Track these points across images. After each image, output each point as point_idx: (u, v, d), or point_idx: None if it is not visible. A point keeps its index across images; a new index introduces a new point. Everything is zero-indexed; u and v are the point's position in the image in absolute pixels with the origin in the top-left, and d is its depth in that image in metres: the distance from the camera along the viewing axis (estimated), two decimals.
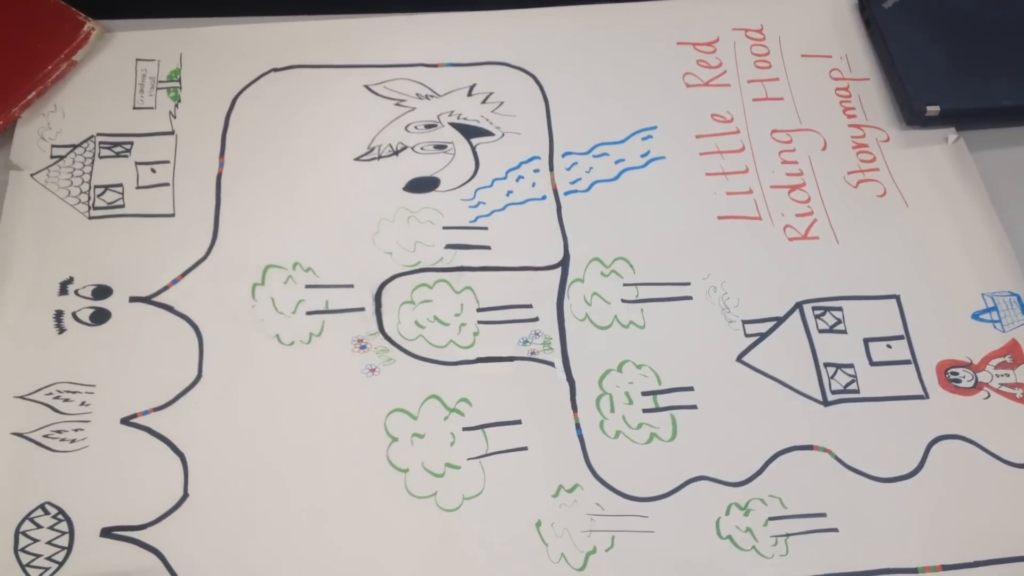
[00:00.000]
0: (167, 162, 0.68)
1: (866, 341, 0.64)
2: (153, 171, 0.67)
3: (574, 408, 0.61)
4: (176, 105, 0.70)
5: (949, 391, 0.63)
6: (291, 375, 0.61)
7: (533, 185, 0.69)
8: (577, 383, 0.62)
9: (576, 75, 0.74)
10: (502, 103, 0.72)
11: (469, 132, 0.71)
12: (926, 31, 0.75)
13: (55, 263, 0.63)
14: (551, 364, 0.62)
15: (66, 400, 0.59)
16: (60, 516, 0.55)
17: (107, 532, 0.55)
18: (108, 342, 0.61)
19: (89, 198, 0.66)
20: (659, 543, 0.57)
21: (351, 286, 0.64)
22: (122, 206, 0.66)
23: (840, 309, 0.65)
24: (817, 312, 0.65)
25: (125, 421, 0.58)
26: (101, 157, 0.67)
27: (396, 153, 0.69)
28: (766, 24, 0.78)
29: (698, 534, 0.57)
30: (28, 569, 0.54)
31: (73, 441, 0.58)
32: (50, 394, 0.59)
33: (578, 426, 0.60)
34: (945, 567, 0.57)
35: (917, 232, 0.68)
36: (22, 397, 0.59)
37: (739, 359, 0.63)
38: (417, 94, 0.72)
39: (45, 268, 0.63)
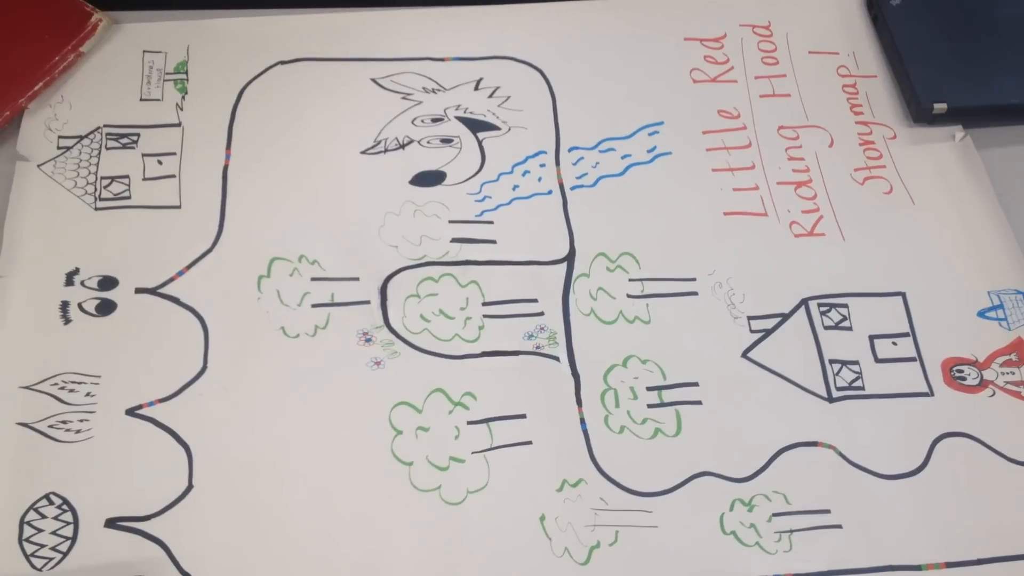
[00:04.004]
0: (173, 154, 0.68)
1: (871, 338, 0.64)
2: (159, 163, 0.67)
3: (579, 403, 0.61)
4: (183, 97, 0.70)
5: (954, 389, 0.63)
6: (296, 367, 0.61)
7: (539, 180, 0.69)
8: (582, 378, 0.62)
9: (583, 70, 0.74)
10: (509, 97, 0.72)
11: (475, 126, 0.70)
12: (934, 28, 0.74)
13: (61, 254, 0.63)
14: (556, 359, 0.62)
15: (71, 391, 0.59)
16: (65, 506, 0.55)
17: (111, 523, 0.55)
18: (114, 333, 0.61)
19: (95, 189, 0.66)
20: (663, 538, 0.57)
21: (357, 279, 0.64)
22: (128, 197, 0.66)
23: (846, 306, 0.65)
24: (823, 309, 0.65)
25: (130, 412, 0.58)
26: (108, 148, 0.67)
27: (402, 147, 0.69)
28: (774, 20, 0.78)
29: (702, 529, 0.57)
30: (32, 559, 0.54)
31: (78, 432, 0.58)
32: (56, 384, 0.59)
33: (583, 421, 0.60)
34: (949, 564, 0.57)
35: (923, 229, 0.68)
36: (28, 387, 0.59)
37: (744, 355, 0.63)
38: (424, 88, 0.72)
39: (51, 259, 0.63)
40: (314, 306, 0.63)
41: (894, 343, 0.64)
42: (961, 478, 0.60)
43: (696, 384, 0.62)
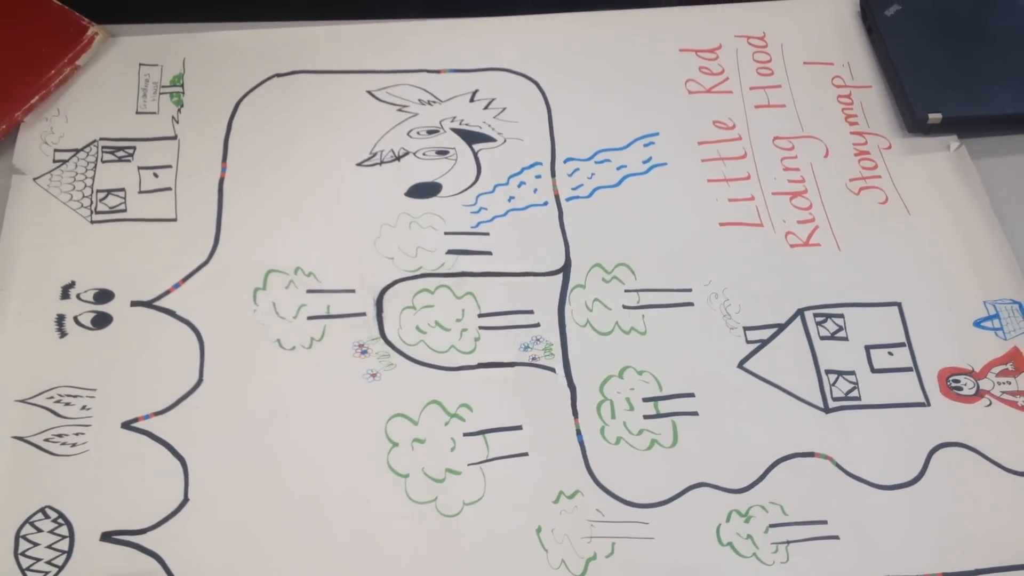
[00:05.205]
0: (169, 167, 0.68)
1: (867, 348, 0.64)
2: (155, 176, 0.67)
3: (575, 414, 0.61)
4: (179, 110, 0.70)
5: (950, 399, 0.63)
6: (292, 380, 0.61)
7: (535, 191, 0.69)
8: (578, 389, 0.62)
9: (578, 81, 0.74)
10: (504, 109, 0.72)
11: (471, 138, 0.71)
12: (928, 39, 0.75)
13: (57, 267, 0.63)
14: (552, 370, 0.62)
15: (67, 404, 0.59)
16: (60, 520, 0.55)
17: (107, 536, 0.55)
18: (109, 346, 0.61)
19: (91, 202, 0.66)
20: (660, 550, 0.57)
21: (352, 291, 0.64)
22: (124, 210, 0.66)
23: (842, 316, 0.65)
24: (818, 319, 0.65)
25: (126, 425, 0.58)
26: (104, 161, 0.67)
27: (398, 159, 0.69)
28: (768, 31, 0.78)
29: (699, 541, 0.57)
30: (28, 573, 0.54)
31: (74, 445, 0.58)
32: (51, 398, 0.59)
33: (579, 432, 0.60)
34: (946, 575, 0.57)
35: (919, 239, 0.68)
36: (23, 401, 0.59)
37: (740, 366, 0.63)
38: (419, 100, 0.72)
39: (47, 272, 0.63)
40: (310, 318, 0.63)
41: (890, 353, 0.64)
42: (958, 488, 0.59)
43: (692, 395, 0.62)
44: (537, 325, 0.64)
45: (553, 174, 0.70)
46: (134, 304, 0.62)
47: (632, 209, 0.68)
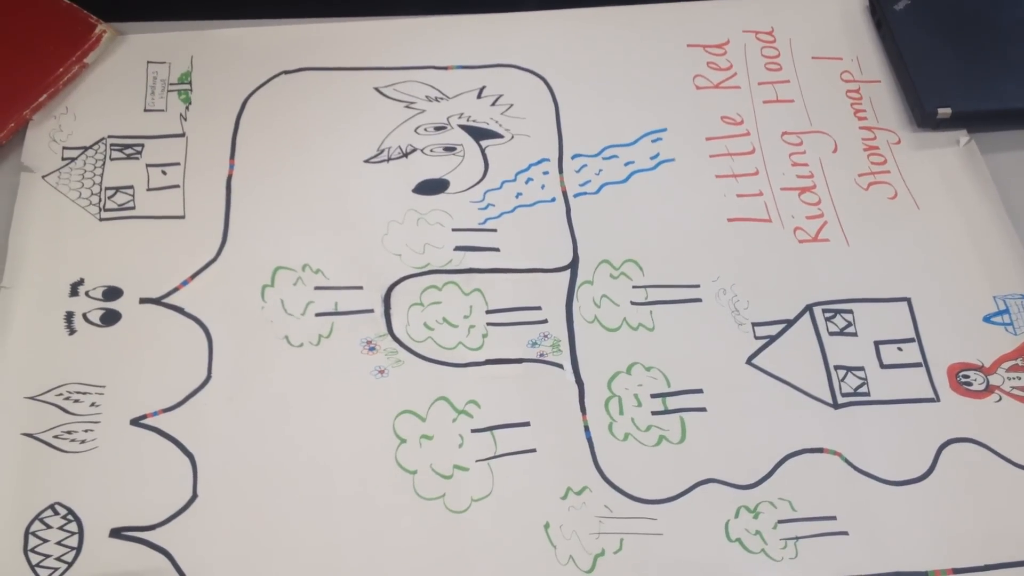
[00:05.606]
0: (177, 164, 0.68)
1: (877, 344, 0.64)
2: (164, 173, 0.67)
3: (583, 410, 0.61)
4: (187, 107, 0.70)
5: (960, 394, 0.62)
6: (300, 376, 0.61)
7: (542, 187, 0.69)
8: (586, 385, 0.62)
9: (586, 77, 0.74)
10: (512, 105, 0.72)
11: (478, 134, 0.71)
12: (937, 33, 0.74)
13: (66, 265, 0.63)
14: (560, 366, 0.62)
15: (76, 401, 0.59)
16: (70, 516, 0.56)
17: (116, 533, 0.55)
18: (118, 343, 0.61)
19: (100, 200, 0.66)
20: (668, 546, 0.57)
21: (360, 288, 0.64)
22: (133, 208, 0.66)
23: (851, 311, 0.65)
24: (827, 314, 0.65)
25: (135, 422, 0.59)
26: (112, 159, 0.68)
27: (405, 155, 0.69)
28: (776, 26, 0.78)
29: (707, 537, 0.57)
30: (37, 569, 0.54)
31: (83, 442, 0.58)
32: (60, 395, 0.59)
33: (587, 428, 0.60)
34: (956, 571, 0.57)
35: (928, 234, 0.68)
36: (32, 398, 0.59)
37: (749, 361, 0.63)
38: (427, 96, 0.72)
39: (56, 270, 0.63)
40: (318, 315, 0.63)
41: (899, 349, 0.64)
42: (967, 484, 0.59)
43: (700, 391, 0.62)
44: (545, 321, 0.64)
45: (561, 170, 0.70)
46: (143, 301, 0.62)
47: (640, 205, 0.68)
